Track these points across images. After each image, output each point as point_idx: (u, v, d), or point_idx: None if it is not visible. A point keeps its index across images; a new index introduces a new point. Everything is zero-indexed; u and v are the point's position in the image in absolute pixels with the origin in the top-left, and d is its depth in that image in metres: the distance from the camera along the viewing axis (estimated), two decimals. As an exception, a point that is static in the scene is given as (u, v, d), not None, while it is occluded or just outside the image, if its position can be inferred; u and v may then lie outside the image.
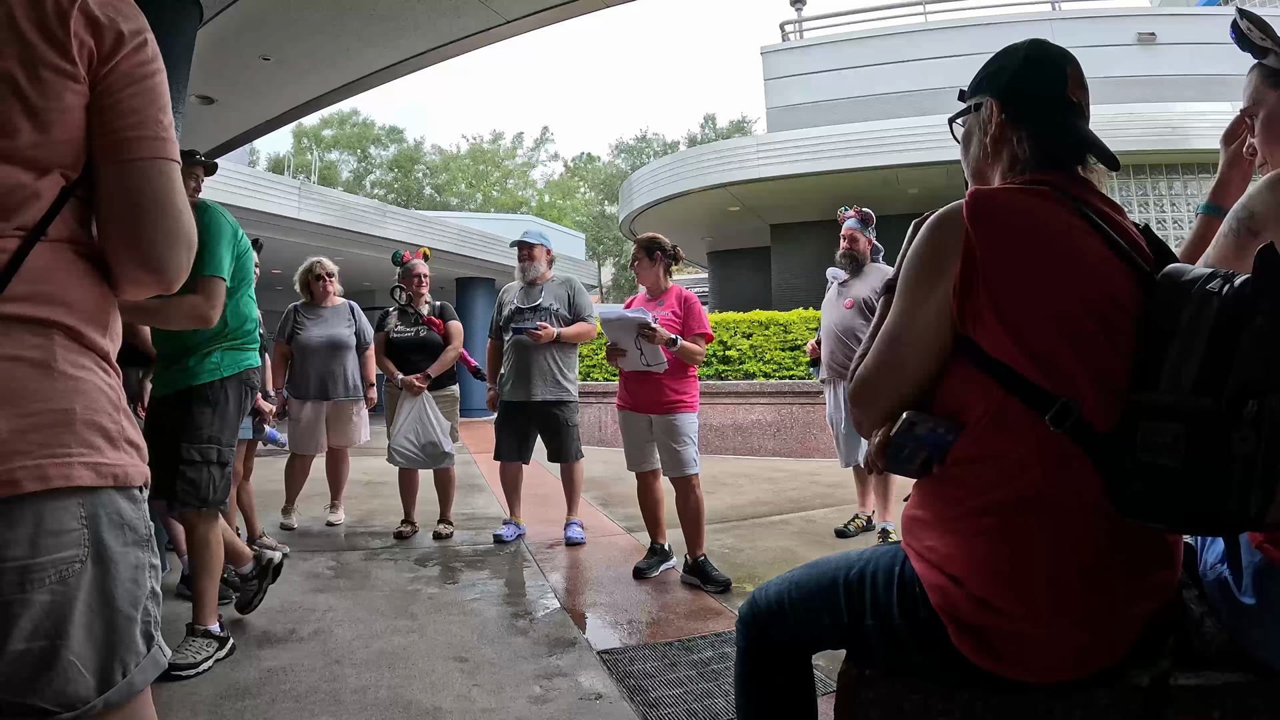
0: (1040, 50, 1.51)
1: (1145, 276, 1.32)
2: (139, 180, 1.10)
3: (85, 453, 1.02)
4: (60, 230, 1.06)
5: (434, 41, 6.39)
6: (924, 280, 1.36)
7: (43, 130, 1.02)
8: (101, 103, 1.08)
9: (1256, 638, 1.34)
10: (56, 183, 1.06)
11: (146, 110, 1.11)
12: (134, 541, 1.08)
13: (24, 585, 0.96)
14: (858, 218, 5.30)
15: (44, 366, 1.00)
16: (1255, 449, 1.09)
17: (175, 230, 1.13)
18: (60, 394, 1.01)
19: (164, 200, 1.11)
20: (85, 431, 1.02)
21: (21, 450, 0.96)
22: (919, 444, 1.34)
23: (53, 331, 1.02)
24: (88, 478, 1.01)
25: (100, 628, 1.03)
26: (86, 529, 1.01)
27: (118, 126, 1.08)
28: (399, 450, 5.39)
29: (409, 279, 5.59)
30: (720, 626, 3.61)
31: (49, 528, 0.98)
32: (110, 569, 1.04)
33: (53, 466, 0.98)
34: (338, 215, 14.16)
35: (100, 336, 1.09)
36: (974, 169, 1.58)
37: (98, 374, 1.07)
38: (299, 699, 2.78)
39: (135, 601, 1.07)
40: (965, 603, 1.27)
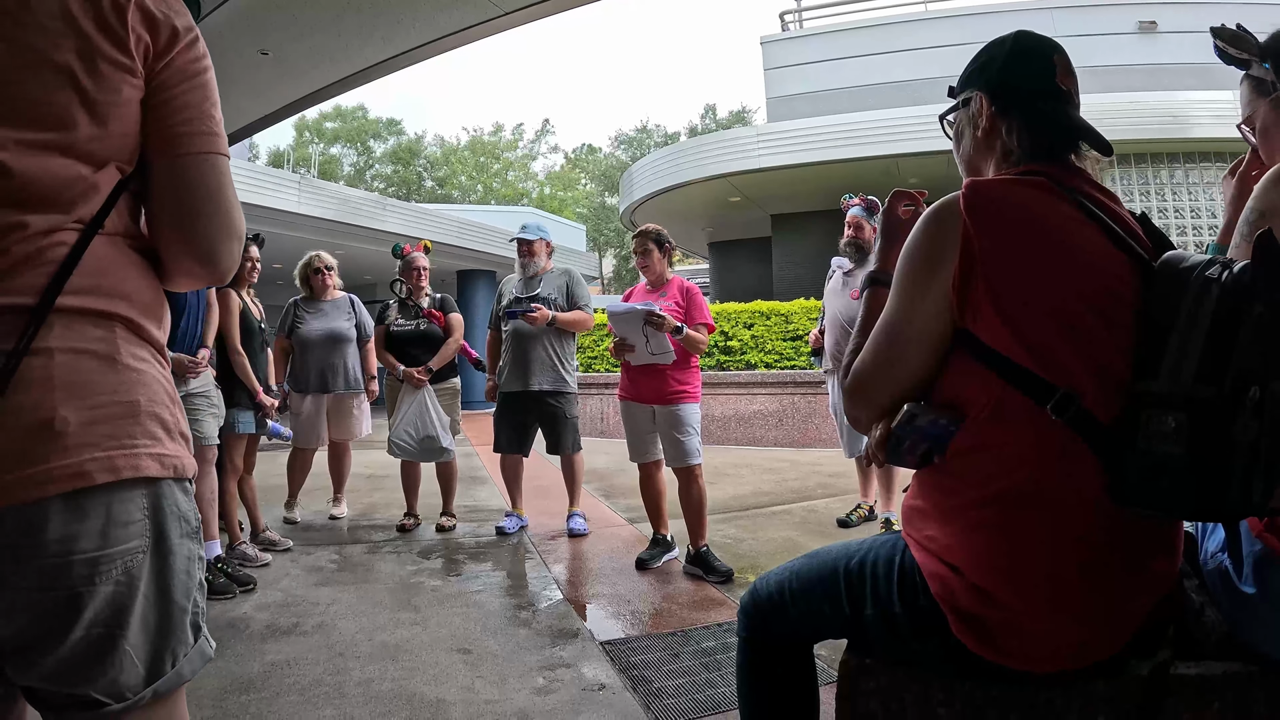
0: (1026, 41, 1.51)
1: (1143, 265, 1.32)
2: (194, 175, 1.11)
3: (149, 444, 1.03)
4: (115, 224, 1.07)
5: (433, 34, 6.37)
6: (922, 273, 1.35)
7: (100, 124, 1.03)
8: (156, 98, 1.09)
9: (1256, 627, 1.35)
10: (113, 176, 1.07)
11: (201, 105, 1.12)
12: (188, 533, 1.09)
13: (93, 577, 0.97)
14: (862, 205, 5.26)
15: (109, 359, 1.02)
16: (1257, 436, 1.10)
17: (228, 223, 1.15)
18: (125, 386, 1.02)
19: (217, 194, 1.13)
20: (148, 423, 1.04)
21: (91, 442, 0.97)
22: (920, 436, 1.33)
23: (114, 324, 1.04)
24: (154, 468, 1.03)
25: (155, 618, 1.05)
26: (149, 520, 1.03)
27: (173, 121, 1.10)
28: (397, 443, 5.40)
29: (409, 272, 5.59)
30: (722, 617, 3.62)
31: (118, 519, 0.99)
32: (169, 560, 1.06)
33: (121, 457, 0.99)
34: (338, 209, 14.15)
35: (155, 328, 1.11)
36: (967, 163, 1.57)
37: (155, 365, 1.09)
38: (303, 692, 2.79)
39: (188, 592, 1.09)
40: (964, 593, 1.28)
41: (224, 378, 4.49)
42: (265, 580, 4.21)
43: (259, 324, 4.85)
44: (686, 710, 2.67)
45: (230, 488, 4.67)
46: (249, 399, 4.65)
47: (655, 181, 16.59)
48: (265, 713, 2.63)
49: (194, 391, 4.00)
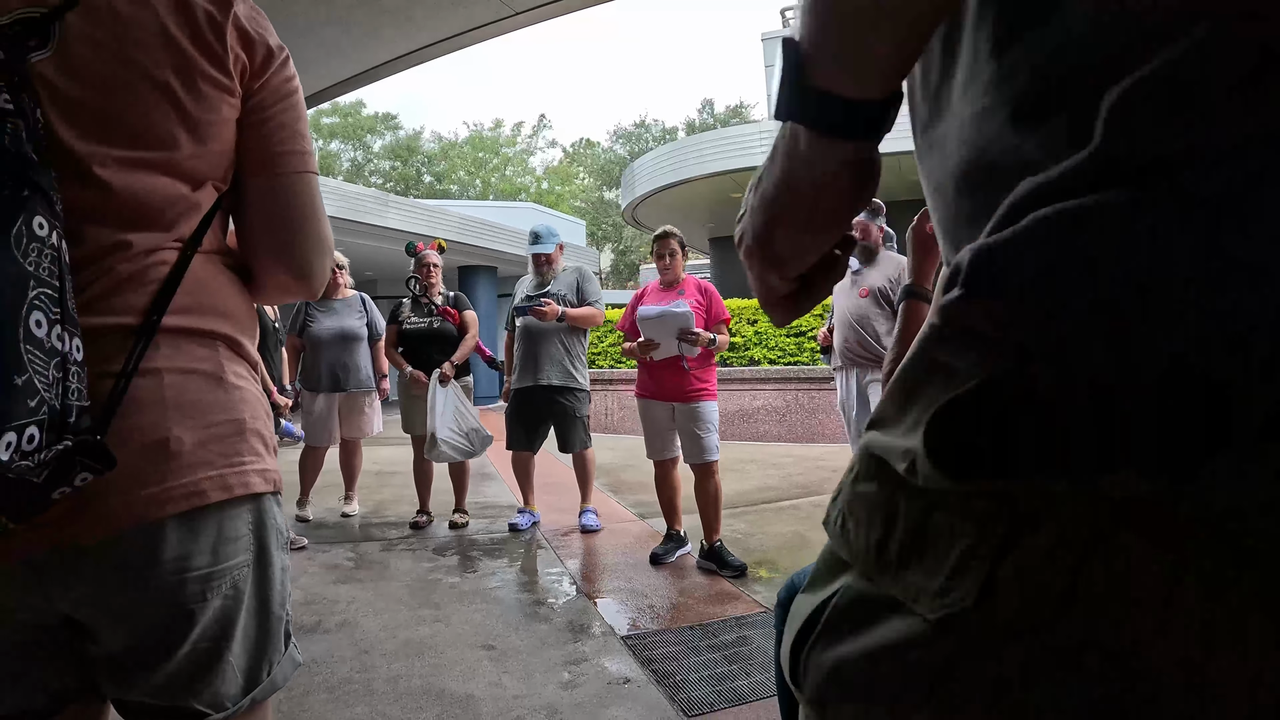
0: None
1: None
2: (290, 194, 1.13)
3: (255, 460, 1.05)
4: (212, 242, 1.09)
5: (442, 34, 6.38)
6: None
7: (200, 142, 1.03)
8: (253, 117, 1.10)
9: None
10: (211, 194, 1.08)
11: (295, 125, 1.14)
12: (282, 544, 1.12)
13: (205, 593, 0.99)
14: (867, 208, 5.30)
15: (215, 378, 1.03)
16: None
17: (322, 239, 1.18)
18: (233, 404, 1.04)
19: (312, 212, 1.16)
20: (253, 440, 1.06)
21: (205, 461, 0.99)
22: None
23: (217, 342, 1.05)
24: (259, 484, 1.05)
25: (255, 629, 1.07)
26: (253, 534, 1.05)
27: (271, 141, 1.11)
28: (449, 443, 5.28)
29: (421, 269, 5.60)
30: (739, 610, 3.67)
31: (228, 535, 1.02)
32: (269, 572, 1.08)
33: (233, 475, 1.01)
34: (339, 205, 14.15)
35: (251, 345, 1.12)
36: None
37: (253, 383, 1.11)
38: (333, 690, 2.84)
39: (284, 602, 1.12)
40: None
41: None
42: (284, 578, 4.23)
43: (273, 323, 4.89)
44: (710, 702, 2.72)
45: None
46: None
47: (657, 178, 16.63)
48: (297, 712, 2.68)
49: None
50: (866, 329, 5.13)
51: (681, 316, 4.29)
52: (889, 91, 0.51)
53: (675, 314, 4.30)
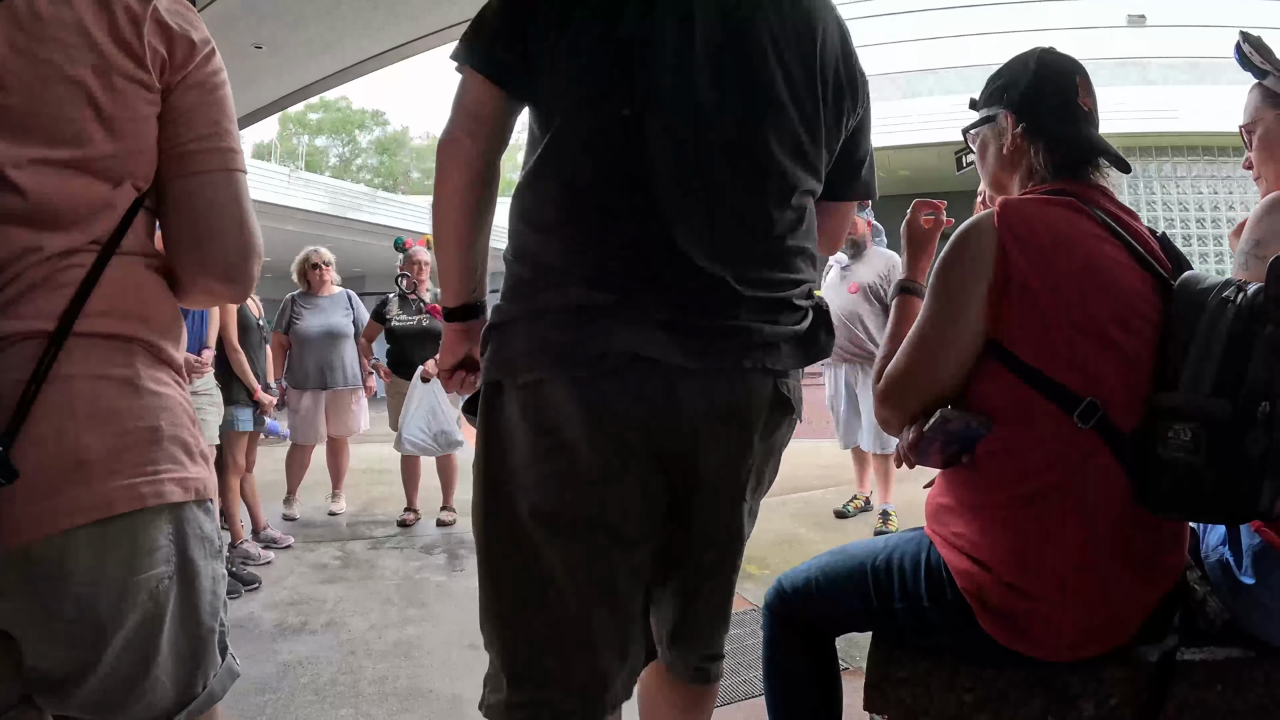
0: (1050, 61, 1.57)
1: (1163, 283, 1.40)
2: (212, 192, 1.09)
3: (172, 468, 1.02)
4: (132, 243, 1.04)
5: (429, 28, 6.32)
6: (958, 286, 1.42)
7: (117, 140, 1.00)
8: (173, 113, 1.06)
9: (1255, 615, 1.43)
10: (129, 194, 1.04)
11: (219, 121, 1.10)
12: (212, 553, 1.09)
13: (121, 605, 0.97)
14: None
15: (130, 384, 1.00)
16: (1267, 448, 1.18)
17: (248, 241, 1.13)
18: (148, 411, 1.01)
19: (236, 211, 1.11)
20: (171, 447, 1.03)
21: (115, 470, 0.96)
22: (950, 438, 1.40)
23: (134, 347, 1.02)
24: (177, 493, 1.02)
25: (185, 642, 1.05)
26: (174, 544, 1.02)
27: (190, 138, 1.07)
28: (410, 439, 5.33)
29: (411, 265, 5.57)
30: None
31: (143, 546, 0.99)
32: (195, 583, 1.05)
33: (146, 484, 0.98)
34: (328, 201, 14.13)
35: (174, 350, 1.09)
36: (992, 178, 1.64)
37: (175, 388, 1.08)
38: (319, 691, 2.83)
39: (215, 613, 1.09)
40: (992, 587, 1.35)
41: (222, 375, 4.49)
42: (270, 578, 4.22)
43: (257, 321, 4.84)
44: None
45: (232, 485, 4.67)
46: (247, 396, 4.64)
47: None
48: (282, 713, 2.67)
49: (197, 391, 4.00)
50: (856, 325, 5.12)
51: None
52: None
53: None
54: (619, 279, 1.23)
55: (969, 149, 1.71)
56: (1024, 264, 1.34)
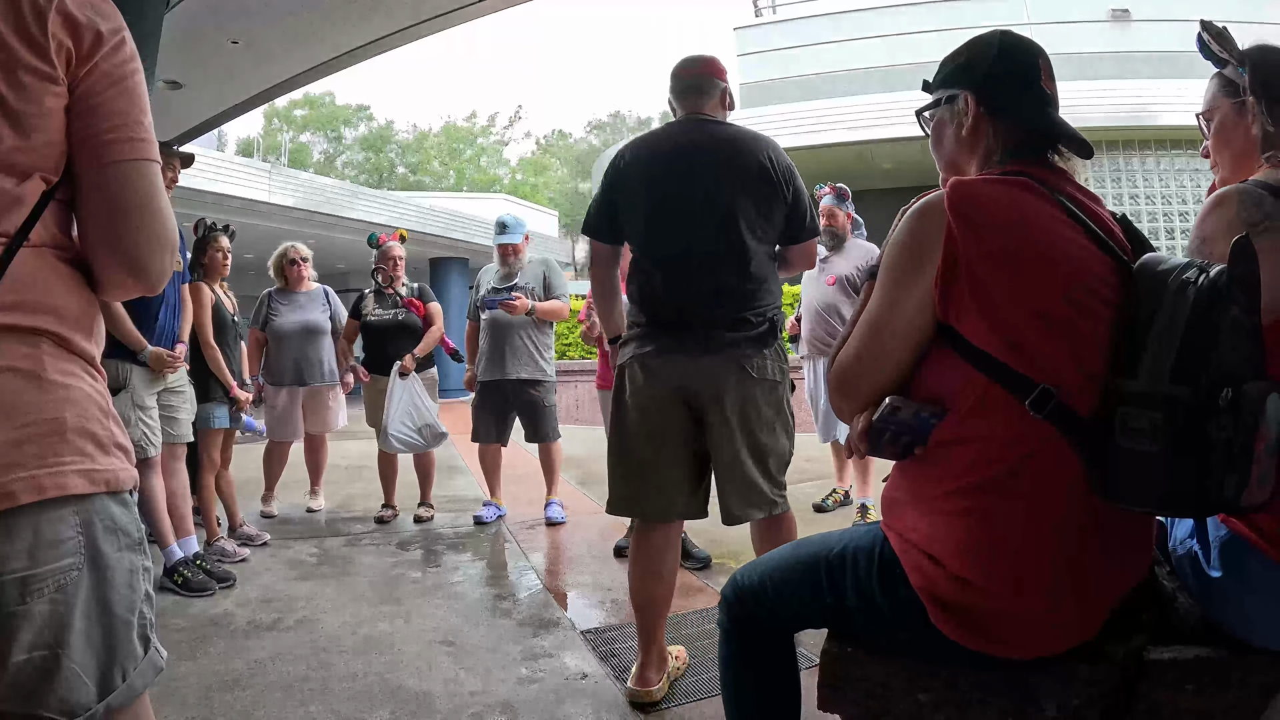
0: (1012, 42, 1.54)
1: (1122, 265, 1.36)
2: (121, 183, 1.08)
3: (77, 460, 1.01)
4: (42, 235, 1.04)
5: (405, 21, 6.30)
6: (906, 269, 1.39)
7: (23, 135, 1.00)
8: (81, 105, 1.05)
9: (1224, 609, 1.40)
10: (38, 187, 1.04)
11: (128, 111, 1.09)
12: (127, 545, 1.08)
13: (24, 597, 0.96)
14: (833, 194, 5.29)
15: (34, 377, 0.99)
16: (1231, 435, 1.14)
17: (159, 232, 1.11)
18: (51, 404, 1.00)
19: (146, 202, 1.10)
20: (77, 439, 1.02)
21: (16, 462, 0.95)
22: (901, 428, 1.37)
23: (40, 340, 1.01)
24: (81, 485, 1.01)
25: (99, 634, 1.04)
26: (82, 536, 1.02)
27: (98, 129, 1.06)
28: (396, 436, 5.32)
29: (385, 261, 5.54)
30: (702, 603, 3.66)
31: (46, 538, 0.98)
32: (106, 575, 1.04)
33: (47, 476, 0.98)
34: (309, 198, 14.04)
35: (86, 341, 1.08)
36: (948, 160, 1.61)
37: (85, 380, 1.07)
38: (288, 688, 2.80)
39: (131, 606, 1.08)
40: (945, 582, 1.31)
41: (197, 372, 4.45)
42: (245, 576, 4.18)
43: (232, 317, 4.81)
44: (668, 697, 2.70)
45: (207, 483, 4.65)
46: (223, 393, 4.61)
47: (628, 168, 16.53)
48: (251, 710, 2.63)
49: (171, 387, 3.97)
50: (833, 317, 5.12)
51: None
52: None
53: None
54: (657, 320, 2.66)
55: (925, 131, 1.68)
56: (973, 246, 1.31)
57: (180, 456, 4.13)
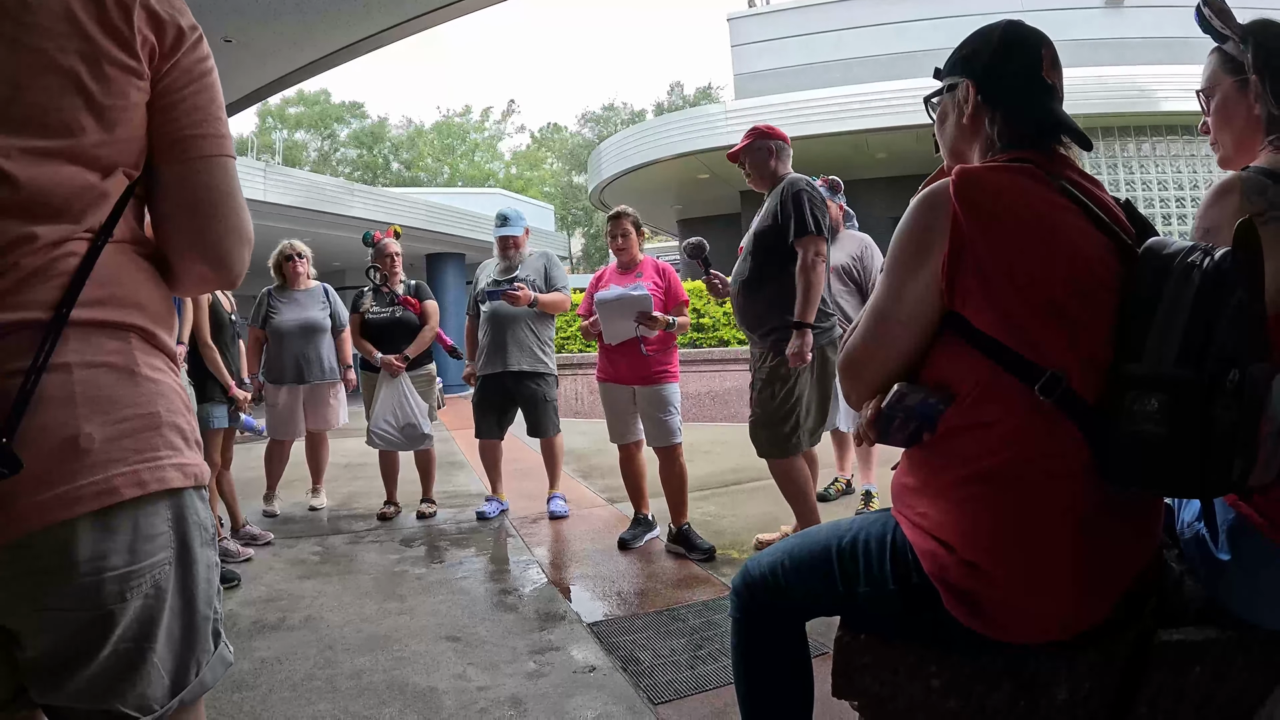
0: (1016, 32, 1.54)
1: (1127, 250, 1.36)
2: (204, 178, 1.09)
3: (171, 454, 1.03)
4: (124, 231, 1.05)
5: (398, 17, 6.28)
6: (912, 257, 1.39)
7: (108, 129, 1.00)
8: (164, 100, 1.06)
9: (1232, 592, 1.40)
10: (121, 182, 1.04)
11: (208, 108, 1.10)
12: (207, 540, 1.09)
13: (124, 593, 0.97)
14: (825, 186, 5.28)
15: (127, 371, 1.00)
16: (1237, 417, 1.14)
17: (240, 226, 1.13)
18: (145, 398, 1.01)
19: (229, 198, 1.11)
20: (169, 433, 1.03)
21: (117, 458, 0.96)
22: (909, 414, 1.37)
23: (130, 335, 1.02)
24: (177, 479, 1.02)
25: (180, 629, 1.04)
26: (173, 531, 1.02)
27: (182, 124, 1.07)
28: (378, 433, 5.36)
29: (382, 259, 5.52)
30: (707, 594, 3.66)
31: (145, 533, 0.99)
32: (192, 569, 1.05)
33: (147, 471, 0.99)
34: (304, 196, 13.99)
35: (168, 336, 1.09)
36: (951, 147, 1.61)
37: (170, 375, 1.08)
38: (295, 687, 2.80)
39: (210, 600, 1.09)
40: (956, 568, 1.32)
41: (195, 372, 4.44)
42: (249, 575, 4.19)
43: (229, 316, 4.79)
44: (677, 689, 2.71)
45: (209, 484, 4.62)
46: (221, 393, 4.60)
47: (624, 160, 16.52)
48: (259, 711, 2.63)
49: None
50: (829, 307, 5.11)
51: (639, 300, 4.26)
52: None
53: (633, 297, 4.27)
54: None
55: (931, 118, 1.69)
56: (979, 233, 1.31)
57: (202, 447, 4.11)
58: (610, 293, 4.39)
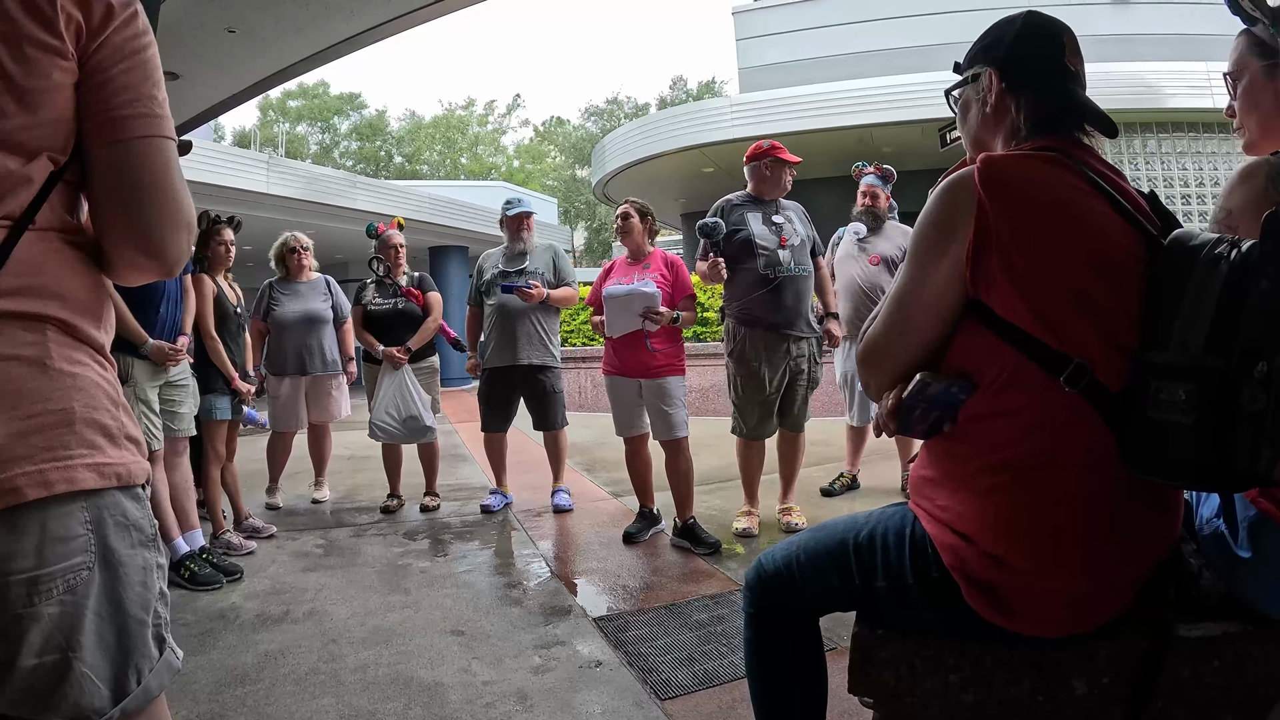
0: (1036, 20, 1.53)
1: (1152, 240, 1.34)
2: (135, 160, 1.03)
3: (87, 453, 0.97)
4: (48, 218, 1.00)
5: (404, 7, 6.21)
6: (936, 244, 1.37)
7: (30, 111, 0.95)
8: (92, 80, 1.01)
9: (1253, 588, 1.39)
10: (45, 167, 0.99)
11: (140, 86, 1.04)
12: (140, 542, 1.03)
13: (32, 598, 0.91)
14: (877, 174, 5.25)
15: (39, 364, 0.95)
16: (1265, 407, 1.12)
17: (176, 212, 1.07)
18: (58, 393, 0.96)
19: (163, 181, 1.05)
20: (86, 431, 0.97)
21: (22, 455, 0.91)
22: (931, 404, 1.35)
23: (46, 326, 0.97)
24: (91, 480, 0.96)
25: (112, 635, 0.99)
26: (92, 533, 0.96)
27: (111, 105, 1.02)
28: (380, 425, 5.34)
29: (386, 250, 5.50)
30: (712, 589, 3.64)
31: (55, 535, 0.93)
32: (119, 573, 0.99)
33: (55, 470, 0.93)
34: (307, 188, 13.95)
35: (95, 329, 1.04)
36: (974, 138, 1.60)
37: (94, 369, 1.02)
38: (299, 681, 2.78)
39: (146, 605, 1.03)
40: (977, 560, 1.30)
41: (198, 364, 4.43)
42: (252, 568, 4.17)
43: (235, 308, 4.77)
44: (684, 684, 2.69)
45: (213, 475, 4.62)
46: (224, 384, 4.58)
47: (628, 153, 16.47)
48: (263, 705, 2.62)
49: (174, 380, 3.94)
50: (877, 295, 5.07)
51: (649, 296, 4.25)
52: None
53: (642, 293, 4.26)
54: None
55: (954, 114, 1.66)
56: (1004, 221, 1.30)
57: (183, 450, 4.11)
58: (619, 288, 4.37)
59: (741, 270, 4.44)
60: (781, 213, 4.57)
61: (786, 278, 4.40)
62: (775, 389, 4.46)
